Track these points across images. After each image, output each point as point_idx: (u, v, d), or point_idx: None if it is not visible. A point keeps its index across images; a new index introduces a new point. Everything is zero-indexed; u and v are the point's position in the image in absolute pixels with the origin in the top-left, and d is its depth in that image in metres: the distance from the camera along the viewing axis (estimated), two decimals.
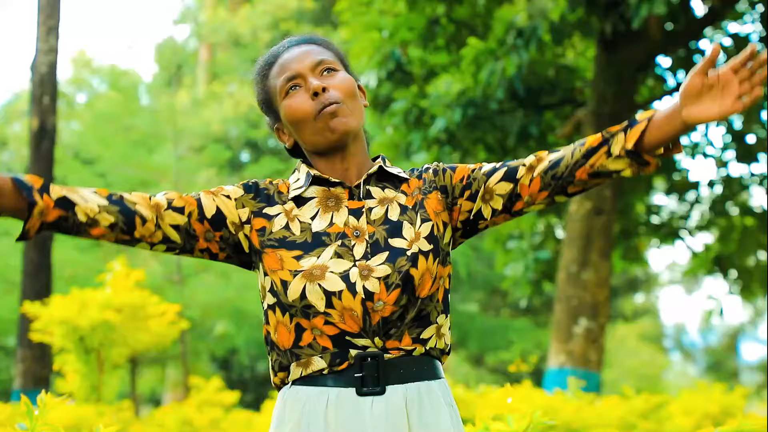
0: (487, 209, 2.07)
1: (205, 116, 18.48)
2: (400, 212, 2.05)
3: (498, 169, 2.07)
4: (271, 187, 2.09)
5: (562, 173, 2.00)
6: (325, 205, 2.05)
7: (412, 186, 2.10)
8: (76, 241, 16.29)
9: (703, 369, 32.15)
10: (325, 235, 2.00)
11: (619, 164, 1.95)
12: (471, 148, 10.33)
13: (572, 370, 8.79)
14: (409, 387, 1.96)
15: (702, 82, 1.87)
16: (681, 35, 9.62)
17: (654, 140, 1.92)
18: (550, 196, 2.03)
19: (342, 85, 2.06)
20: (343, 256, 1.97)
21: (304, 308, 1.95)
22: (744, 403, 7.48)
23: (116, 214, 1.95)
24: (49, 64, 9.60)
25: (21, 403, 2.44)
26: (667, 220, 11.47)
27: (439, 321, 2.03)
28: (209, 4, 23.79)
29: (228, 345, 17.71)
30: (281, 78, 2.08)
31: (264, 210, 2.05)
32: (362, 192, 2.06)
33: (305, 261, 1.97)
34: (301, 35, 2.17)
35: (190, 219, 2.02)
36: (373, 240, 2.00)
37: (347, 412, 1.93)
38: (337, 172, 2.08)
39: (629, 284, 26.86)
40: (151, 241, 2.00)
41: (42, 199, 1.88)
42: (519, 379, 18.46)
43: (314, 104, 2.03)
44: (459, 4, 9.68)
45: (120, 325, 7.44)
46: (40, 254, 9.37)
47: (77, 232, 1.94)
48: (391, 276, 1.96)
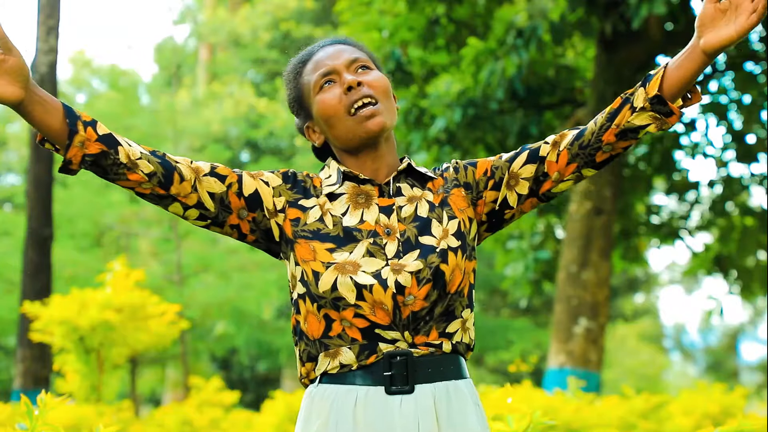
0: (512, 196, 2.08)
1: (205, 116, 18.47)
2: (428, 209, 2.06)
3: (520, 153, 2.09)
4: (308, 180, 2.10)
5: (588, 141, 2.02)
6: (355, 202, 2.05)
7: (437, 185, 2.11)
8: (76, 241, 16.30)
9: (703, 369, 32.15)
10: (356, 231, 2.01)
11: (643, 118, 1.96)
12: (471, 148, 10.33)
13: (572, 370, 8.79)
14: (437, 386, 1.97)
15: (715, 8, 1.91)
16: (681, 35, 9.62)
17: (675, 81, 1.94)
18: (578, 170, 2.05)
19: (377, 82, 2.07)
20: (375, 254, 1.98)
21: (335, 300, 1.96)
22: (744, 403, 7.47)
23: (157, 165, 1.97)
24: (49, 64, 9.60)
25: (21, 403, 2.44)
26: (667, 220, 11.47)
27: (464, 315, 2.04)
28: (209, 4, 23.78)
29: (228, 345, 17.71)
30: (316, 74, 2.09)
31: (299, 201, 2.06)
32: (392, 189, 2.07)
33: (338, 255, 1.98)
34: (334, 37, 2.18)
35: (228, 190, 2.03)
36: (404, 238, 2.01)
37: (376, 411, 1.93)
38: (367, 171, 2.09)
39: (629, 284, 26.85)
40: (186, 203, 2.01)
41: (85, 130, 1.92)
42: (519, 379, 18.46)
43: (347, 98, 2.04)
44: (459, 4, 9.68)
45: (120, 325, 7.44)
46: (40, 254, 9.37)
47: (115, 173, 1.95)
48: (422, 271, 1.97)
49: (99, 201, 15.82)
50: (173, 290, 14.78)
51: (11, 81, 1.86)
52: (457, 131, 9.86)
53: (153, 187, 1.98)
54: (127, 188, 1.98)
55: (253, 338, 17.26)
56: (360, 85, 2.04)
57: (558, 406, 5.47)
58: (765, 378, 26.40)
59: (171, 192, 1.99)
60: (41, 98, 1.89)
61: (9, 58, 1.86)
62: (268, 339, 17.48)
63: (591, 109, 9.49)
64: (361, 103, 2.03)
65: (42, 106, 1.90)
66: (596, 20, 9.24)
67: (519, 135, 10.09)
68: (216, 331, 17.23)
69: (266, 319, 17.32)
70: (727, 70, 10.27)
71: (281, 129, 19.84)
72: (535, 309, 22.63)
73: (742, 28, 1.88)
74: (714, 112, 10.47)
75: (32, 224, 9.38)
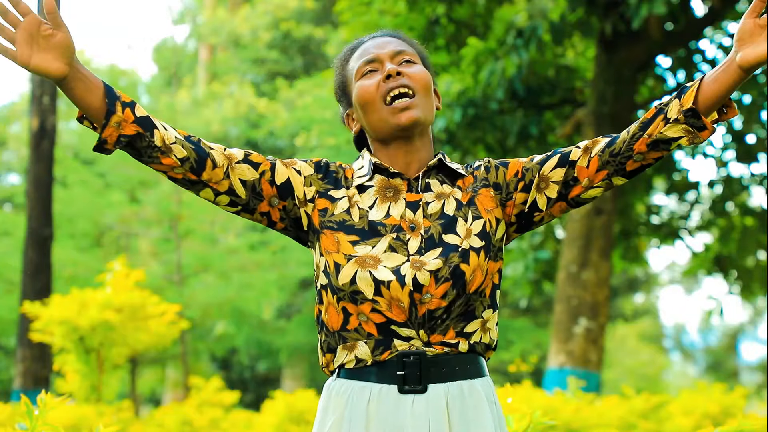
0: (542, 199, 2.07)
1: (205, 116, 18.47)
2: (455, 207, 2.05)
3: (551, 156, 2.08)
4: (340, 170, 2.10)
5: (620, 149, 2.00)
6: (383, 195, 2.05)
7: (467, 182, 2.10)
8: (76, 241, 16.29)
9: (703, 369, 32.14)
10: (381, 226, 2.01)
11: (676, 130, 1.95)
12: (471, 148, 10.33)
13: (572, 370, 8.79)
14: (450, 386, 1.97)
15: (754, 23, 1.89)
16: (681, 35, 9.62)
17: (710, 94, 1.92)
18: (608, 177, 2.03)
19: (418, 75, 2.07)
20: (397, 249, 1.99)
21: (353, 293, 1.96)
22: (744, 403, 7.47)
23: (190, 150, 1.99)
24: None
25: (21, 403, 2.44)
26: (667, 220, 11.47)
27: (485, 315, 2.03)
28: (209, 4, 23.78)
29: (228, 345, 17.71)
30: (360, 61, 2.10)
31: (329, 192, 2.07)
32: (421, 185, 2.07)
33: (360, 248, 1.98)
34: (387, 29, 2.19)
35: (261, 177, 2.04)
36: (428, 235, 2.01)
37: (388, 408, 1.95)
38: (399, 164, 2.08)
39: (629, 284, 26.85)
40: (217, 189, 2.02)
41: (123, 112, 1.93)
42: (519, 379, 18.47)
43: (385, 86, 2.04)
44: (459, 4, 9.68)
45: (120, 325, 7.43)
46: (40, 254, 9.37)
47: (149, 155, 1.97)
48: (441, 270, 1.96)
49: (99, 201, 15.82)
50: (173, 290, 14.78)
51: (58, 56, 1.88)
52: (457, 131, 9.86)
53: (185, 173, 2.00)
54: (160, 171, 2.00)
55: (253, 338, 17.26)
56: (399, 75, 2.04)
57: (558, 406, 5.46)
58: (765, 378, 26.40)
59: (203, 178, 2.01)
60: (84, 75, 1.91)
61: (57, 33, 1.88)
62: (268, 339, 17.48)
63: (591, 109, 9.49)
64: (397, 92, 2.03)
65: (84, 84, 1.92)
66: (596, 20, 9.24)
67: (519, 135, 10.09)
68: (216, 331, 17.23)
69: (266, 319, 17.32)
70: None
71: (281, 129, 19.83)
72: (535, 309, 22.63)
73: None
74: None
75: (32, 224, 9.38)
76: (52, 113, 9.64)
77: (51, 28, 1.88)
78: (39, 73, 1.88)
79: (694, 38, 9.93)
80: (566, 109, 10.68)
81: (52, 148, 9.61)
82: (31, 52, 1.88)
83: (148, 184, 16.33)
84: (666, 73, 10.61)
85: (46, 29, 1.88)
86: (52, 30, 1.88)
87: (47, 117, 9.59)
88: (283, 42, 23.23)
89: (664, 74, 10.66)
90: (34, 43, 1.88)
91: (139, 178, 16.17)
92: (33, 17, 1.88)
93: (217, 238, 16.93)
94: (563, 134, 10.13)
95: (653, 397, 6.82)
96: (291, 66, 23.44)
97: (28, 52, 1.87)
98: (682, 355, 34.08)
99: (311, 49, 23.32)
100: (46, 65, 1.88)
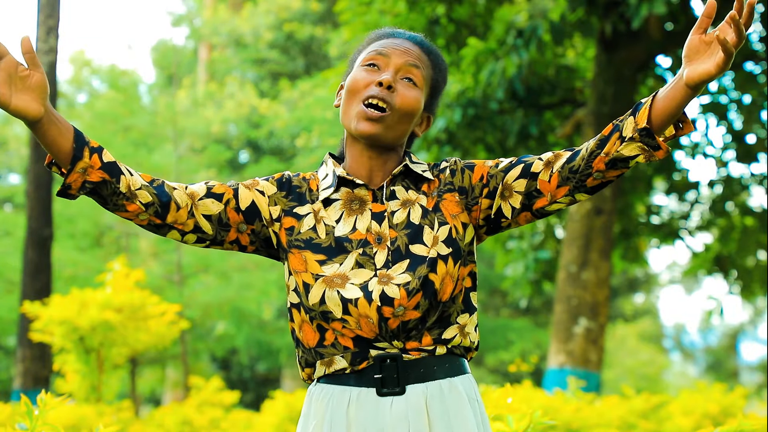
0: (506, 207, 2.05)
1: (206, 116, 18.47)
2: (421, 215, 2.04)
3: (515, 165, 2.05)
4: (304, 183, 2.09)
5: (579, 166, 1.98)
6: (349, 209, 2.04)
7: (432, 187, 2.08)
8: (76, 241, 16.29)
9: (703, 369, 32.14)
10: (347, 242, 2.00)
11: (632, 149, 1.92)
12: (471, 148, 10.32)
13: (572, 370, 8.79)
14: (429, 385, 1.97)
15: (699, 39, 1.85)
16: (681, 35, 9.61)
17: (661, 112, 1.89)
18: (571, 193, 2.00)
19: (406, 98, 2.04)
20: (365, 265, 1.98)
21: (323, 313, 1.97)
22: (744, 403, 7.47)
23: (154, 196, 1.97)
24: (49, 64, 9.60)
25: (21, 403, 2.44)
26: (667, 220, 11.47)
27: (461, 321, 2.02)
28: (209, 4, 23.77)
29: (228, 345, 17.71)
30: (374, 49, 2.08)
31: (294, 209, 2.06)
32: (386, 193, 2.05)
33: (327, 267, 1.98)
34: (422, 37, 2.16)
35: (226, 207, 2.03)
36: (394, 247, 1.99)
37: (368, 411, 1.95)
38: (364, 167, 2.07)
39: (629, 284, 26.85)
40: (183, 229, 2.02)
41: (90, 157, 1.91)
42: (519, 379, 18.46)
43: (371, 89, 2.02)
44: (459, 4, 9.68)
45: (120, 325, 7.43)
46: (40, 254, 9.37)
47: (114, 203, 1.95)
48: (411, 282, 1.96)
49: None
50: (173, 290, 14.78)
51: (35, 97, 1.85)
52: (457, 131, 9.85)
53: (150, 217, 1.98)
54: (126, 218, 1.99)
55: (253, 338, 17.25)
56: (390, 89, 2.02)
57: (558, 406, 5.47)
58: (765, 378, 26.39)
59: (167, 221, 2.00)
60: (57, 118, 1.89)
61: (34, 74, 1.86)
62: (268, 339, 17.47)
63: (591, 109, 9.49)
64: (375, 101, 2.01)
65: (56, 127, 1.89)
66: (596, 20, 9.23)
67: (519, 135, 10.09)
68: (216, 331, 17.23)
69: (266, 319, 17.32)
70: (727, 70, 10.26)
71: (282, 129, 19.83)
72: (535, 309, 22.63)
73: (720, 62, 1.82)
74: (714, 112, 10.47)
75: (32, 224, 9.38)
76: None
77: (28, 69, 1.85)
78: (18, 115, 1.84)
79: None
80: (566, 109, 10.68)
81: None
82: (10, 92, 1.83)
83: None
84: (666, 73, 10.61)
85: (23, 70, 1.85)
86: (29, 71, 1.85)
87: None
88: (284, 42, 23.22)
89: (664, 74, 10.65)
90: (12, 83, 1.84)
91: None
92: (10, 58, 1.85)
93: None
94: (563, 134, 10.12)
95: (653, 397, 6.82)
96: (292, 66, 23.44)
97: (7, 93, 1.83)
98: (682, 355, 34.08)
99: (313, 50, 23.31)
100: (25, 106, 1.84)
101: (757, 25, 10.21)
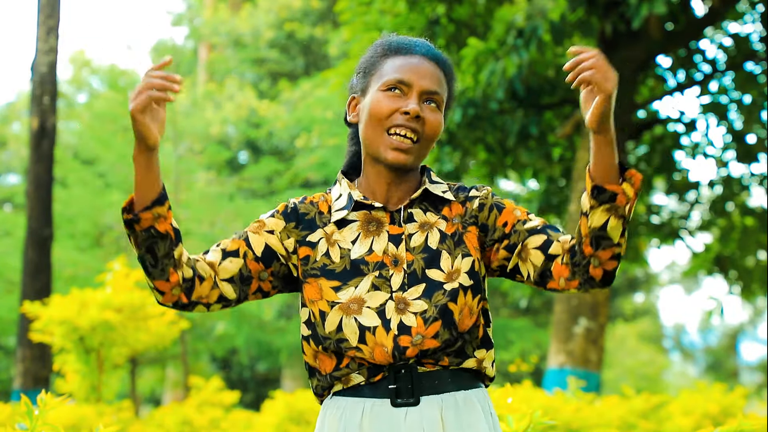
0: (524, 269, 2.01)
1: (205, 117, 18.47)
2: (439, 240, 2.02)
3: (539, 232, 2.00)
4: (312, 208, 2.07)
5: (578, 259, 1.93)
6: (366, 230, 2.03)
7: (453, 211, 2.06)
8: (76, 241, 16.29)
9: (703, 369, 32.15)
10: (363, 264, 1.99)
11: (598, 217, 1.87)
12: (471, 148, 10.32)
13: (572, 370, 8.79)
14: (444, 397, 1.96)
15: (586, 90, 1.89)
16: (681, 35, 9.62)
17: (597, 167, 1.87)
18: (581, 287, 1.97)
19: (433, 125, 2.02)
20: (380, 287, 1.97)
21: (338, 341, 1.96)
22: (744, 403, 7.47)
23: (190, 271, 1.98)
24: (49, 64, 9.60)
25: (21, 403, 2.44)
26: (667, 220, 11.47)
27: (478, 355, 2.02)
28: (209, 4, 23.77)
29: (228, 345, 17.72)
30: (396, 74, 2.03)
31: (307, 238, 2.04)
32: (403, 216, 2.04)
33: (343, 293, 1.97)
34: (438, 51, 2.12)
35: (245, 260, 2.02)
36: (410, 270, 1.98)
37: (382, 423, 1.94)
38: (382, 186, 2.05)
39: (629, 284, 26.85)
40: (207, 302, 2.02)
41: (167, 209, 1.92)
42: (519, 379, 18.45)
43: (397, 118, 2.00)
44: (459, 4, 9.68)
45: (120, 325, 7.43)
46: (40, 254, 9.37)
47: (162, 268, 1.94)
48: (428, 310, 1.95)
49: (99, 201, 15.82)
50: None
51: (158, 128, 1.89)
52: (457, 131, 9.85)
53: (180, 294, 1.98)
54: (159, 292, 1.96)
55: (253, 338, 17.25)
56: (418, 118, 2.00)
57: (558, 406, 5.47)
58: (765, 378, 26.39)
59: (193, 298, 2.00)
60: (157, 158, 1.93)
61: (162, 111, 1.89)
62: (268, 339, 17.47)
63: None
64: (403, 132, 2.00)
65: (157, 166, 1.92)
66: (596, 20, 9.23)
67: (519, 135, 10.09)
68: (216, 331, 17.22)
69: (266, 319, 17.32)
70: (728, 70, 10.27)
71: (281, 130, 19.83)
72: (535, 309, 22.63)
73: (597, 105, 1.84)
74: (714, 112, 10.47)
75: (32, 224, 9.38)
76: (52, 113, 9.64)
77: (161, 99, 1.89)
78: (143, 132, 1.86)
79: (694, 38, 9.93)
80: (566, 109, 10.68)
81: (52, 148, 9.61)
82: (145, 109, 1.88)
83: None
84: (666, 73, 10.61)
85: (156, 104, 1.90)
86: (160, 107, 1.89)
87: (47, 117, 9.58)
88: (284, 42, 23.22)
89: (664, 74, 10.66)
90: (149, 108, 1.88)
91: None
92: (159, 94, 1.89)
93: (217, 239, 16.92)
94: (563, 134, 10.12)
95: (653, 397, 6.82)
96: (292, 66, 23.43)
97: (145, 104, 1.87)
98: (682, 355, 34.09)
99: (313, 50, 23.31)
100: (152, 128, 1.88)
101: (757, 25, 10.22)
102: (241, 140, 21.80)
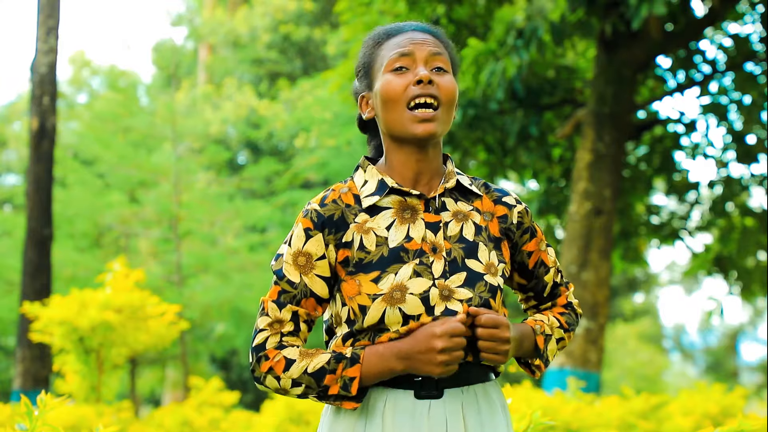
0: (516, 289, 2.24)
1: (205, 117, 18.47)
2: (475, 232, 2.03)
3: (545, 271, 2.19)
4: (336, 206, 2.02)
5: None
6: (402, 217, 2.00)
7: (485, 205, 2.08)
8: (75, 242, 16.29)
9: (703, 369, 32.14)
10: (402, 251, 1.97)
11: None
12: (471, 148, 10.33)
13: (572, 371, 8.79)
14: (465, 390, 1.97)
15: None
16: (681, 35, 9.62)
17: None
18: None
19: (447, 87, 2.02)
20: (422, 274, 1.96)
21: (379, 330, 1.95)
22: (744, 404, 7.47)
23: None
24: (49, 64, 9.60)
25: (21, 403, 2.44)
26: (667, 221, 11.47)
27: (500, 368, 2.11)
28: (208, 4, 23.77)
29: (228, 345, 17.71)
30: (394, 51, 2.03)
31: (342, 239, 2.00)
32: (438, 204, 2.03)
33: (383, 282, 1.95)
34: (428, 24, 2.12)
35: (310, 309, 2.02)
36: (450, 258, 1.98)
37: (404, 414, 1.94)
38: (412, 170, 2.03)
39: (629, 284, 26.85)
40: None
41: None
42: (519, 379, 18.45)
43: (413, 90, 1.99)
44: (459, 4, 9.68)
45: (120, 325, 7.43)
46: (40, 254, 9.37)
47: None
48: (473, 299, 1.96)
49: (98, 201, 15.82)
50: (173, 290, 14.78)
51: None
52: (457, 131, 9.86)
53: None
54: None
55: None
56: (431, 83, 1.99)
57: (558, 407, 5.47)
58: (765, 378, 26.40)
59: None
60: None
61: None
62: None
63: (591, 109, 9.49)
64: (423, 101, 1.99)
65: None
66: (596, 20, 9.23)
67: (519, 135, 10.09)
68: (216, 331, 17.22)
69: None
70: (727, 71, 10.27)
71: (281, 130, 19.83)
72: None
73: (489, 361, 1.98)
74: (714, 113, 10.47)
75: (32, 224, 9.38)
76: (52, 113, 9.64)
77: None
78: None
79: (694, 38, 9.93)
80: (566, 110, 10.68)
81: (52, 148, 9.61)
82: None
83: (148, 184, 16.32)
84: (666, 73, 10.61)
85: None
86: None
87: (47, 117, 9.59)
88: (282, 43, 23.22)
89: (664, 74, 10.66)
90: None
91: (138, 179, 16.18)
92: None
93: (216, 239, 16.92)
94: (563, 134, 10.12)
95: (653, 398, 6.81)
96: (290, 67, 23.43)
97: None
98: (682, 355, 34.09)
99: (310, 51, 23.31)
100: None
101: (757, 25, 10.22)
102: (240, 140, 21.80)
